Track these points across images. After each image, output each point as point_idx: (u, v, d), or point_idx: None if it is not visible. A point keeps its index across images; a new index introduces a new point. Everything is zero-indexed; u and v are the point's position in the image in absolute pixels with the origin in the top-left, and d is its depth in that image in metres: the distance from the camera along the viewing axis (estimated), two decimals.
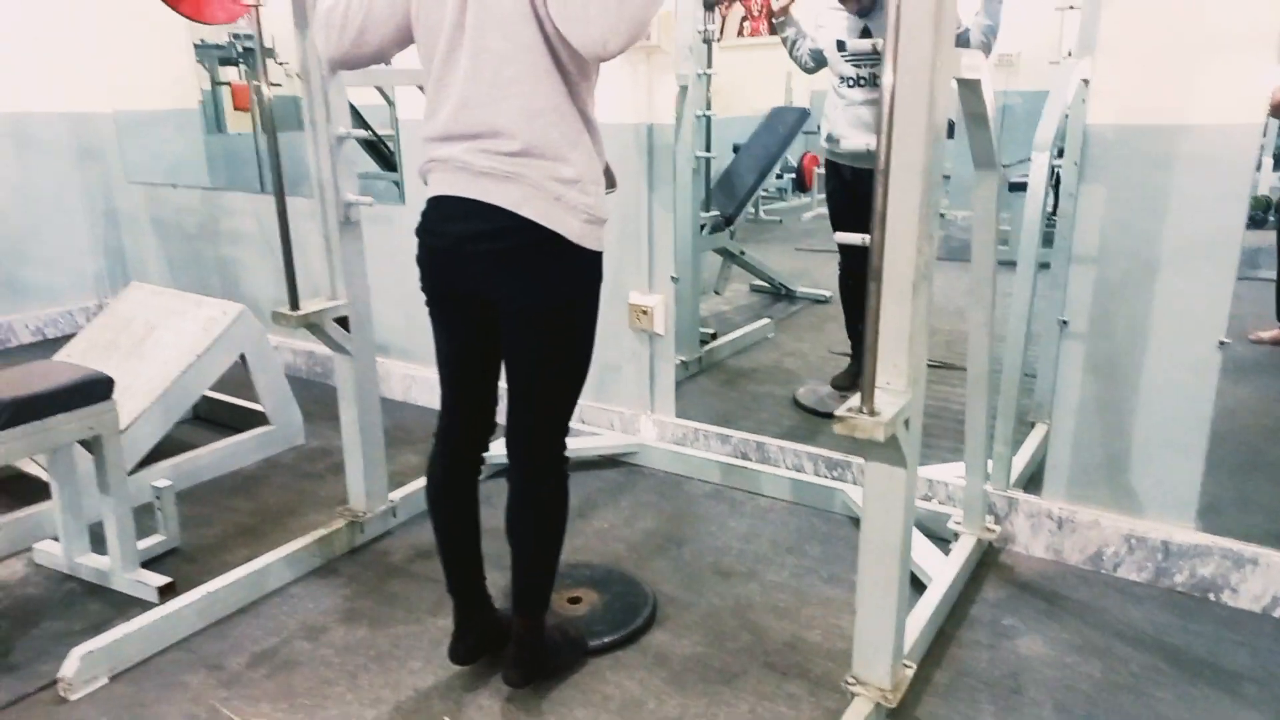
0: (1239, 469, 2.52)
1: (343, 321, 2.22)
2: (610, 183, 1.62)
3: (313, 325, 2.15)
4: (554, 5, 1.38)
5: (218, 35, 4.43)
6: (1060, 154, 2.26)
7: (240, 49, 4.53)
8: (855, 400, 1.35)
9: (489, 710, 1.74)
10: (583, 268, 1.56)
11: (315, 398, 3.36)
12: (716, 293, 4.27)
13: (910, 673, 1.66)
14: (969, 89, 1.52)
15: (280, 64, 4.58)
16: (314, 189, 2.14)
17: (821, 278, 4.66)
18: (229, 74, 4.48)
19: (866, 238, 1.32)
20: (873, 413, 1.34)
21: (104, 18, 4.05)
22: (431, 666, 1.86)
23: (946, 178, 1.82)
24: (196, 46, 4.25)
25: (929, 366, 1.53)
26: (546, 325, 1.57)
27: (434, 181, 1.58)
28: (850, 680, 1.61)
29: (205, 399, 3.08)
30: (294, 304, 2.11)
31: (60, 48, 4.19)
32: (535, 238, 1.49)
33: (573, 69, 1.47)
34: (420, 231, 1.61)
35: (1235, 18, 1.80)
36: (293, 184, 3.96)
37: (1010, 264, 2.15)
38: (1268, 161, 4.97)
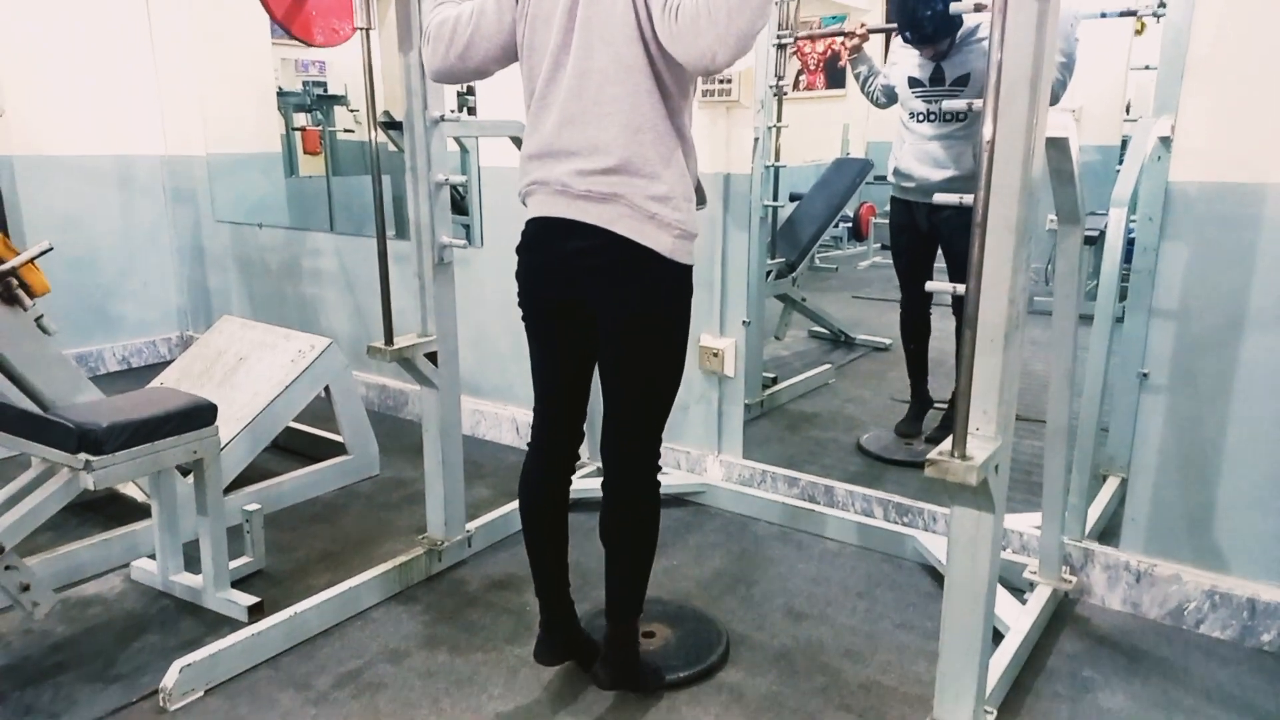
0: None
1: (431, 357, 2.32)
2: (701, 199, 1.69)
3: (404, 359, 2.25)
4: (660, 21, 1.44)
5: (293, 84, 4.70)
6: (1132, 209, 2.27)
7: (313, 96, 4.79)
8: (946, 444, 1.39)
9: None
10: (675, 280, 1.63)
11: (387, 431, 3.46)
12: (777, 338, 4.31)
13: (991, 718, 1.66)
14: (1057, 147, 1.58)
15: (351, 111, 4.82)
16: (412, 231, 2.26)
17: (880, 326, 4.68)
18: (301, 120, 4.73)
19: (960, 287, 1.37)
20: (964, 457, 1.37)
21: (203, 65, 4.31)
22: (511, 694, 1.91)
23: None
24: (278, 95, 4.51)
25: None
26: (640, 334, 1.64)
27: (534, 204, 1.67)
28: None
29: (285, 428, 3.20)
30: (388, 339, 2.22)
31: (163, 94, 4.47)
32: (630, 253, 1.57)
33: (673, 88, 1.55)
34: (522, 249, 1.71)
35: None
36: (358, 225, 4.09)
37: (1083, 318, 2.16)
38: None
